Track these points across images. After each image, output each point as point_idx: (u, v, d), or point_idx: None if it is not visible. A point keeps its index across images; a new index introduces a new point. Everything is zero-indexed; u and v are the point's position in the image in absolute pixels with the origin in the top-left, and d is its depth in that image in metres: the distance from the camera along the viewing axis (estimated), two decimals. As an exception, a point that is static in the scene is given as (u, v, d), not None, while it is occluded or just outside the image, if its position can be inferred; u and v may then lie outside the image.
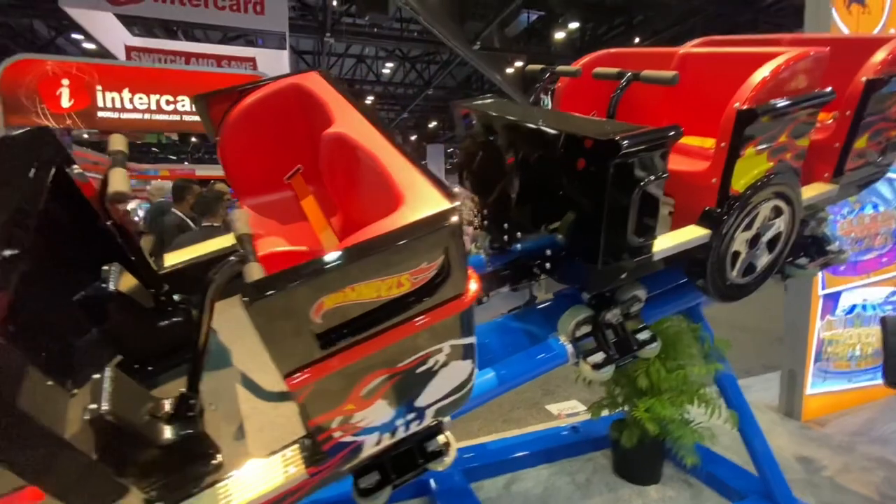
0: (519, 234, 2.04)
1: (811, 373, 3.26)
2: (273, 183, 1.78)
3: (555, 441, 2.91)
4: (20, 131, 1.44)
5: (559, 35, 15.38)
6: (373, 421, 1.19)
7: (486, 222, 2.22)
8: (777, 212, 1.85)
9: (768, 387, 3.67)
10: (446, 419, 1.71)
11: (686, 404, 2.39)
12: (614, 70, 1.88)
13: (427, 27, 12.21)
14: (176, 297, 1.54)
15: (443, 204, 1.01)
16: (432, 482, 2.50)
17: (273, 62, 10.82)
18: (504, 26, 14.86)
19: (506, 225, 2.09)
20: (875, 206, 3.33)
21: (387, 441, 1.30)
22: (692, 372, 2.31)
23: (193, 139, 13.75)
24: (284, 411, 1.36)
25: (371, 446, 1.27)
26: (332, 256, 0.92)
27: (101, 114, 6.74)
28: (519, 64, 15.16)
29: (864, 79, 1.88)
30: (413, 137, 25.79)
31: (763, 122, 1.60)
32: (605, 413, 2.58)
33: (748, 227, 1.79)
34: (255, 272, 0.96)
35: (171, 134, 10.03)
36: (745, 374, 4.08)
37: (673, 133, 1.43)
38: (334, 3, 13.39)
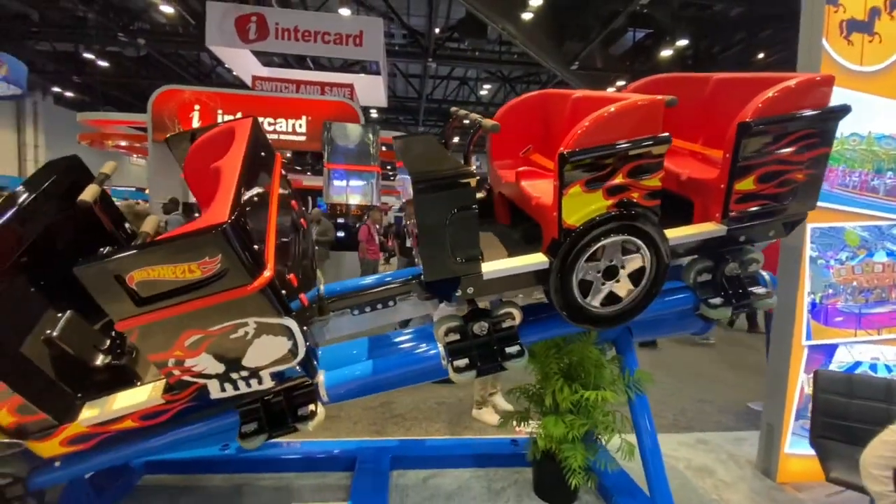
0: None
1: (790, 430, 2.97)
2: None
3: (490, 449, 3.08)
4: (61, 157, 2.23)
5: (666, 53, 14.66)
6: (206, 368, 1.67)
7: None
8: (634, 247, 1.93)
9: (762, 442, 3.37)
10: (323, 395, 2.16)
11: (584, 427, 2.45)
12: (476, 116, 2.14)
13: (524, 49, 12.54)
14: None
15: (217, 219, 1.44)
16: (358, 461, 2.88)
17: (370, 86, 12.10)
18: (608, 45, 14.60)
19: (408, 243, 2.45)
20: (891, 254, 2.94)
21: (232, 391, 1.78)
22: (584, 396, 2.38)
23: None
24: None
25: (217, 391, 1.76)
26: (131, 248, 1.43)
27: (220, 132, 8.31)
28: (621, 83, 14.74)
29: (737, 122, 1.89)
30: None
31: (580, 165, 1.75)
32: (512, 425, 2.73)
33: (593, 258, 1.91)
34: None
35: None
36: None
37: (462, 173, 1.68)
38: (436, 30, 14.44)
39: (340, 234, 8.20)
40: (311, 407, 2.06)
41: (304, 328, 1.80)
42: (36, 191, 1.92)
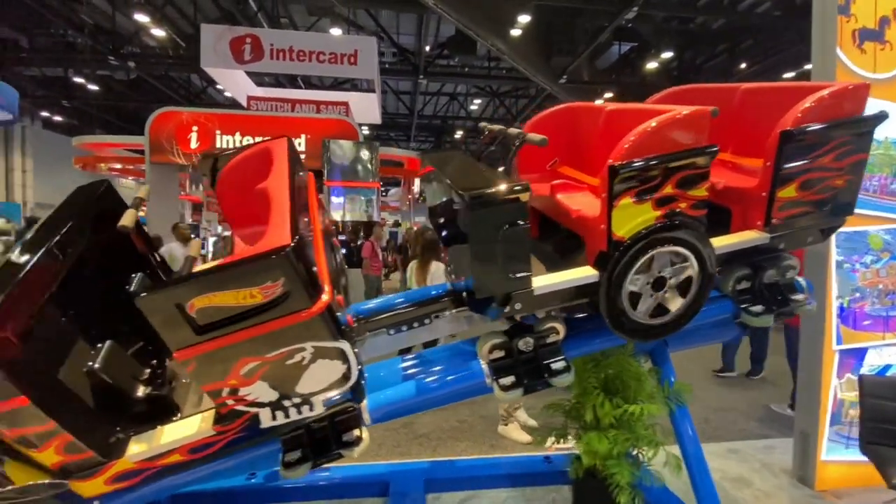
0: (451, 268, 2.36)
1: (826, 437, 2.95)
2: (260, 217, 2.32)
3: (524, 468, 3.01)
4: (91, 182, 2.16)
5: (651, 65, 15.00)
6: (259, 397, 1.61)
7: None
8: (682, 258, 1.92)
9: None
10: (366, 419, 2.08)
11: (627, 442, 2.41)
12: (517, 130, 2.13)
13: (513, 65, 12.72)
14: None
15: (279, 242, 1.40)
16: (391, 485, 2.79)
17: (364, 104, 12.16)
18: (594, 58, 14.87)
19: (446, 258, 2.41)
20: (914, 256, 2.98)
21: (283, 419, 1.71)
22: (628, 410, 2.34)
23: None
24: None
25: (268, 420, 1.69)
26: (193, 275, 1.37)
27: (218, 153, 8.28)
28: (608, 95, 15.02)
29: (779, 131, 1.90)
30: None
31: (629, 177, 1.74)
32: (550, 443, 2.67)
33: (643, 270, 1.89)
34: None
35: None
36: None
37: (518, 188, 1.67)
38: (426, 48, 14.62)
39: (342, 251, 8.16)
40: (357, 432, 1.98)
41: (356, 350, 1.75)
42: (70, 219, 1.85)
